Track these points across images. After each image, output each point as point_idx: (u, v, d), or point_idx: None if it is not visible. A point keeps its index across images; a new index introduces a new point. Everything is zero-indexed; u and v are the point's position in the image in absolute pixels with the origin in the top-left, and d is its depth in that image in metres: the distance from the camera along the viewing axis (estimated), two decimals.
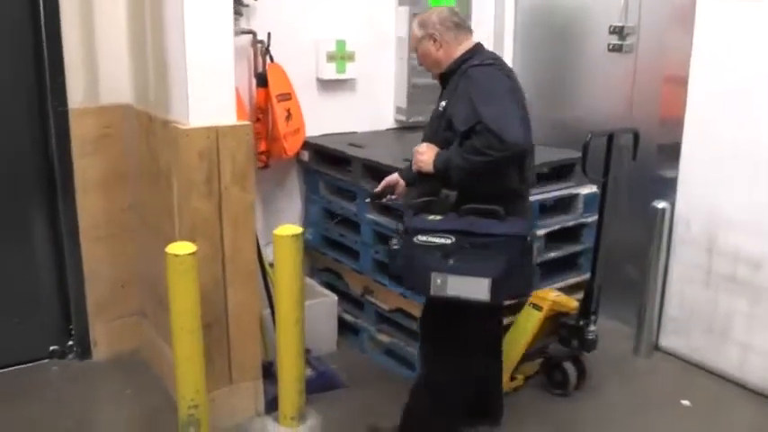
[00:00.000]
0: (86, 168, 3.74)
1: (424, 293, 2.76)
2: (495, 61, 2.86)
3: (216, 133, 3.08)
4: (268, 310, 3.59)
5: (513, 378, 3.56)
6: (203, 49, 3.05)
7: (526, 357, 3.57)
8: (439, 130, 2.85)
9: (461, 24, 2.96)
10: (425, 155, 2.82)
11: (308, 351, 3.54)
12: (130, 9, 3.66)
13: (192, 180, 3.06)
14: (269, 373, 3.49)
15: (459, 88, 2.77)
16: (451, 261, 2.64)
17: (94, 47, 3.67)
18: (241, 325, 3.34)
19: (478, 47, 2.95)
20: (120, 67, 3.74)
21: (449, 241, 2.65)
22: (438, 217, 2.74)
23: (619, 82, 4.32)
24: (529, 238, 2.68)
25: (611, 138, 3.48)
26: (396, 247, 2.82)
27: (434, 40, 2.93)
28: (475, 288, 2.63)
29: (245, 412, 3.42)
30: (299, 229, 3.09)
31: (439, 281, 2.66)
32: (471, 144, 2.61)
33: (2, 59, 3.59)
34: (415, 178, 2.96)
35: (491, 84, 2.72)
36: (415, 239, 2.70)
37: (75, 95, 3.65)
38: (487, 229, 2.65)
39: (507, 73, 2.84)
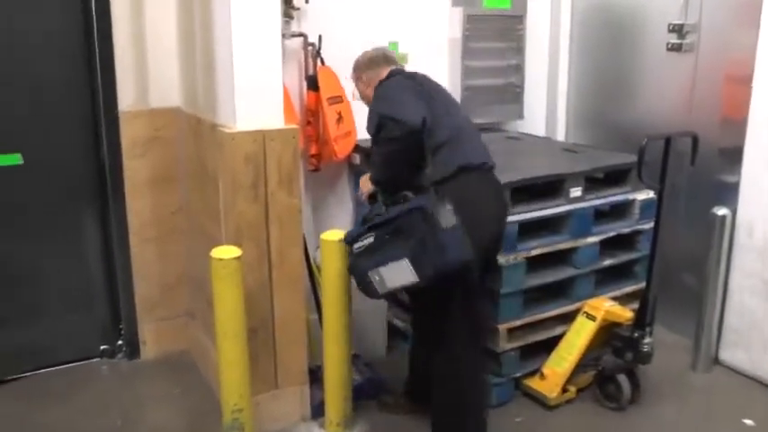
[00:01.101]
0: (136, 170, 3.78)
1: (377, 295, 2.86)
2: (396, 75, 3.18)
3: (263, 137, 3.06)
4: (316, 315, 3.57)
5: (565, 389, 3.47)
6: (250, 53, 3.03)
7: (578, 368, 3.47)
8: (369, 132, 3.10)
9: (383, 60, 3.30)
10: (363, 181, 3.20)
11: (356, 357, 3.52)
12: (180, 14, 3.68)
13: (239, 184, 3.05)
14: (316, 378, 3.46)
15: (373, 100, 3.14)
16: (378, 254, 2.78)
17: (145, 51, 3.71)
18: (287, 329, 3.32)
19: (392, 72, 3.22)
20: (170, 70, 3.77)
21: (372, 239, 2.81)
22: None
23: (678, 82, 4.18)
24: (428, 206, 2.72)
25: (668, 142, 3.36)
26: (351, 262, 2.97)
27: (362, 81, 3.31)
28: (402, 272, 2.72)
29: (290, 417, 3.39)
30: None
31: (377, 277, 2.79)
32: (378, 137, 2.93)
33: (55, 65, 3.64)
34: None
35: (386, 90, 3.06)
36: (354, 249, 2.88)
37: (126, 99, 3.70)
38: (394, 213, 2.79)
39: (408, 79, 3.12)
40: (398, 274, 2.74)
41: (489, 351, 3.37)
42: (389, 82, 3.11)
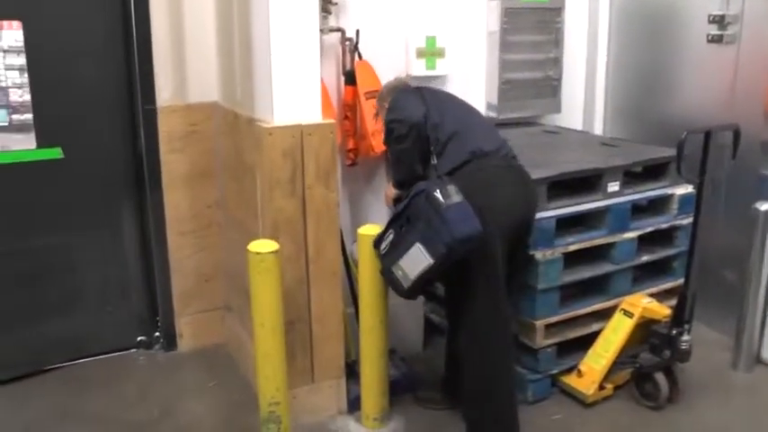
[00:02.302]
0: (174, 164, 3.81)
1: (407, 293, 2.95)
2: (401, 88, 3.37)
3: (300, 132, 3.07)
4: (353, 309, 3.58)
5: (602, 387, 3.44)
6: (288, 48, 3.03)
7: (615, 366, 3.44)
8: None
9: (403, 87, 3.40)
10: (387, 189, 3.48)
11: (392, 351, 3.52)
12: (218, 8, 3.70)
13: (276, 178, 3.06)
14: (353, 372, 3.48)
15: None
16: (398, 248, 2.88)
17: (183, 46, 3.73)
18: (324, 323, 3.33)
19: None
20: (208, 65, 3.80)
21: (392, 236, 2.94)
22: None
23: (719, 75, 4.10)
24: (429, 188, 2.82)
25: (708, 135, 3.30)
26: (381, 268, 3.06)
27: (385, 109, 3.34)
28: (418, 258, 2.80)
29: (326, 411, 3.41)
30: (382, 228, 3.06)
31: (400, 272, 2.88)
32: (390, 141, 3.16)
33: (93, 60, 3.68)
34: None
35: (391, 102, 3.25)
36: (381, 252, 2.99)
37: (164, 93, 3.73)
38: (402, 204, 2.93)
39: (413, 90, 3.32)
40: (415, 260, 2.81)
41: (518, 342, 3.36)
42: (395, 96, 3.29)
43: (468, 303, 2.98)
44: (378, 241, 3.00)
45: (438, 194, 2.77)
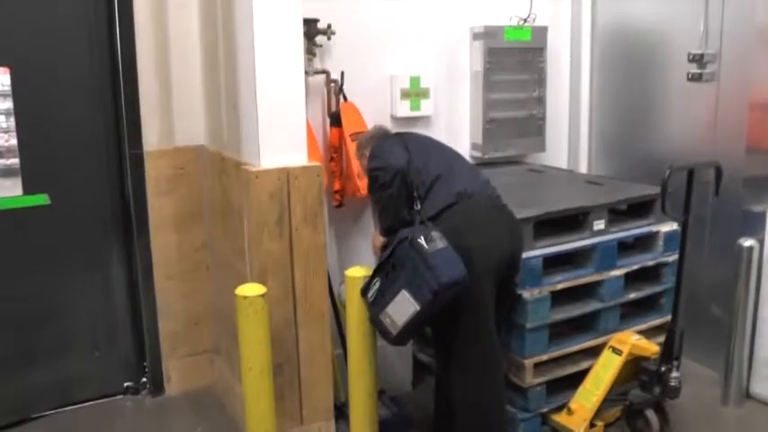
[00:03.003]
0: (161, 208, 3.82)
1: (394, 340, 2.94)
2: (381, 135, 3.40)
3: (287, 174, 3.09)
4: (341, 350, 3.56)
5: (592, 424, 3.42)
6: (274, 91, 3.08)
7: (606, 403, 3.43)
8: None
9: (383, 135, 3.43)
10: (373, 238, 3.47)
11: (381, 392, 3.51)
12: (205, 54, 3.74)
13: (263, 221, 3.07)
14: (342, 413, 3.46)
15: None
16: (383, 297, 2.89)
17: (170, 90, 3.77)
18: (313, 365, 3.32)
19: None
20: (195, 109, 3.83)
21: (378, 284, 2.93)
22: None
23: (700, 112, 4.16)
24: (413, 235, 2.83)
25: (691, 173, 3.33)
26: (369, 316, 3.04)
27: (365, 157, 3.34)
28: (405, 304, 2.80)
29: None
30: (370, 270, 3.06)
31: (388, 319, 2.87)
32: (374, 189, 3.13)
33: (80, 106, 3.71)
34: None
35: (372, 150, 3.24)
36: (369, 300, 2.98)
37: (151, 138, 3.76)
38: (387, 254, 2.93)
39: (392, 136, 3.37)
40: (402, 307, 2.80)
41: (507, 381, 3.35)
42: (375, 143, 3.29)
43: (459, 344, 2.97)
44: (365, 289, 3.00)
45: (422, 240, 2.78)
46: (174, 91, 3.77)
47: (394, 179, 3.02)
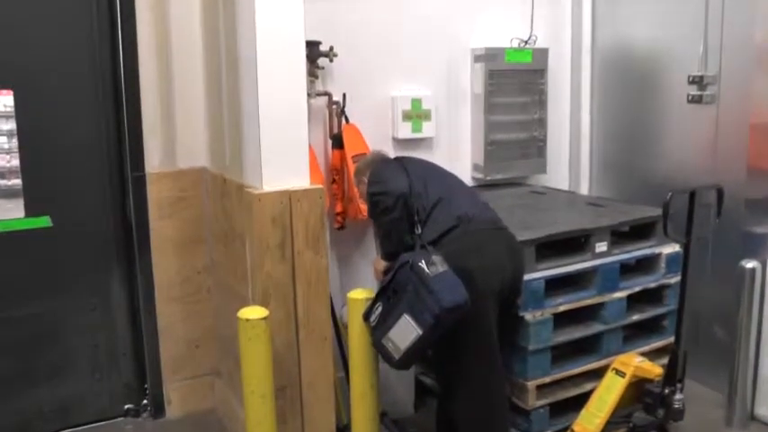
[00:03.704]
0: (163, 230, 3.82)
1: (397, 364, 2.94)
2: (378, 161, 3.41)
3: (289, 198, 3.10)
4: (343, 373, 3.55)
5: None
6: (277, 114, 3.09)
7: (609, 425, 3.41)
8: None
9: (380, 160, 3.45)
10: (375, 263, 3.45)
11: (384, 414, 3.49)
12: (208, 76, 3.75)
13: (266, 244, 3.07)
14: None
15: None
16: (385, 322, 2.89)
17: (173, 113, 3.79)
18: (315, 388, 3.31)
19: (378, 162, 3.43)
20: (197, 132, 3.85)
21: (380, 308, 2.94)
22: None
23: (701, 134, 4.17)
24: (413, 259, 2.84)
25: (692, 195, 3.34)
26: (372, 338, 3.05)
27: (364, 183, 3.37)
28: (407, 329, 2.80)
29: None
30: (372, 293, 3.07)
31: (390, 344, 2.87)
32: (376, 214, 3.15)
33: (82, 128, 3.73)
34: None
35: (372, 176, 3.26)
36: (371, 324, 2.99)
37: (153, 160, 3.77)
38: (387, 279, 2.94)
39: (391, 161, 3.41)
40: (405, 332, 2.81)
41: (510, 403, 3.33)
42: (374, 168, 3.31)
43: (461, 365, 2.97)
44: (367, 313, 3.00)
45: (423, 264, 2.79)
46: (176, 113, 3.79)
47: (396, 204, 3.03)
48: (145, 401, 4.02)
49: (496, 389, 3.04)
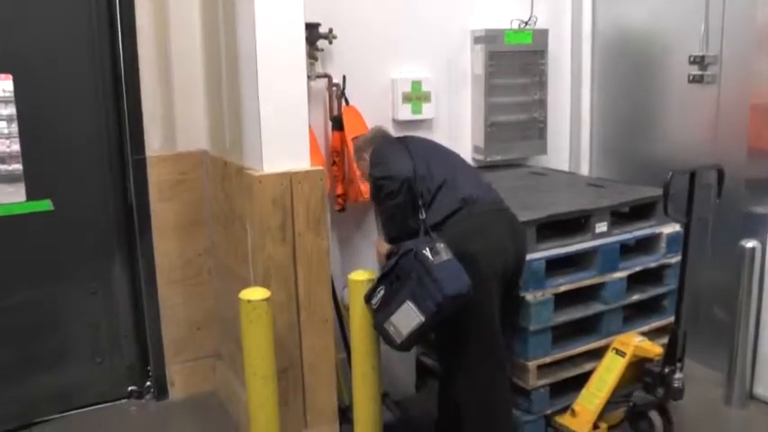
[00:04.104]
0: (163, 213, 3.83)
1: (400, 346, 2.94)
2: (381, 139, 3.34)
3: (289, 179, 3.10)
4: (344, 355, 3.57)
5: (596, 426, 3.42)
6: (277, 96, 3.08)
7: (609, 405, 3.43)
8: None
9: (380, 138, 3.39)
10: (378, 245, 3.36)
11: (385, 395, 3.51)
12: (207, 59, 3.74)
13: (266, 226, 3.08)
14: (346, 417, 3.46)
15: None
16: (387, 307, 2.90)
17: (172, 96, 3.78)
18: (317, 369, 3.32)
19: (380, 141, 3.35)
20: (197, 115, 3.84)
21: (382, 292, 2.94)
22: None
23: (701, 114, 4.16)
24: (418, 246, 2.83)
25: (693, 175, 3.33)
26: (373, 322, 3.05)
27: (364, 160, 3.34)
28: (409, 315, 2.82)
29: None
30: (373, 274, 3.09)
31: (392, 328, 2.89)
32: (380, 198, 3.09)
33: (83, 112, 3.72)
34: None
35: (375, 156, 3.21)
36: (373, 306, 2.99)
37: (153, 143, 3.77)
38: (391, 261, 2.94)
39: (395, 141, 3.32)
40: (407, 318, 2.83)
41: (511, 383, 3.35)
42: (377, 147, 3.25)
43: (464, 347, 2.98)
44: (369, 296, 3.01)
45: (427, 252, 2.79)
46: (176, 96, 3.78)
47: (401, 189, 2.98)
48: (148, 383, 4.05)
49: (498, 372, 3.05)
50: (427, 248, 2.80)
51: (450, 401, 3.25)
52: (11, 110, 3.50)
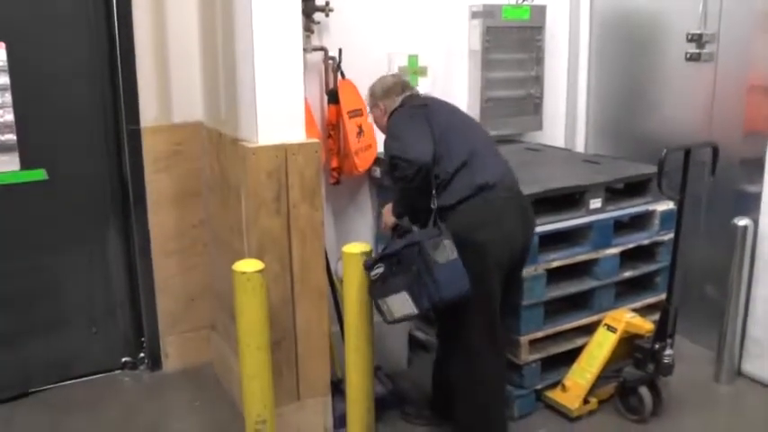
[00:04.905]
0: (158, 184, 3.82)
1: (388, 322, 2.95)
2: (406, 105, 3.19)
3: (284, 151, 3.09)
4: (338, 327, 3.58)
5: (586, 401, 3.46)
6: (272, 68, 3.06)
7: (600, 380, 3.46)
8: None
9: (400, 90, 3.29)
10: (385, 213, 3.33)
11: (378, 368, 3.54)
12: (202, 30, 3.72)
13: (261, 198, 3.08)
14: (338, 389, 3.48)
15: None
16: (386, 285, 2.88)
17: (167, 66, 3.75)
18: (310, 341, 3.34)
19: (403, 101, 3.24)
20: (192, 86, 3.81)
21: (381, 269, 2.90)
22: None
23: (698, 92, 4.16)
24: (424, 241, 2.78)
25: (687, 153, 3.34)
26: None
27: (379, 108, 3.31)
28: (404, 304, 2.82)
29: (313, 429, 3.41)
30: (368, 247, 3.09)
31: (385, 306, 2.90)
32: (393, 176, 2.99)
33: (78, 81, 3.70)
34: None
35: (396, 126, 3.08)
36: (371, 277, 2.95)
37: (149, 114, 3.74)
38: (396, 246, 2.89)
39: (419, 108, 3.13)
40: (401, 305, 2.84)
41: (509, 363, 3.38)
42: (400, 116, 3.13)
43: (463, 333, 2.99)
44: (368, 266, 2.97)
45: (431, 251, 2.76)
46: (171, 66, 3.75)
47: (416, 175, 2.88)
48: (142, 354, 4.06)
49: (495, 358, 3.06)
50: (432, 245, 2.77)
51: (444, 380, 3.28)
52: (4, 79, 3.47)
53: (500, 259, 2.96)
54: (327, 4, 3.85)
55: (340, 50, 3.94)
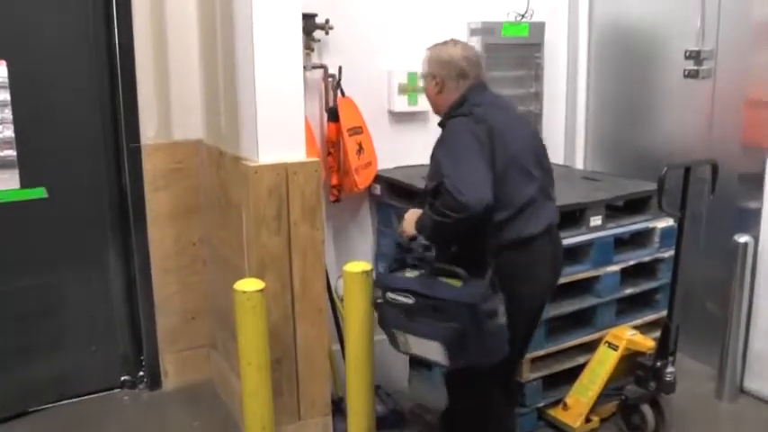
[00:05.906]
0: (158, 202, 3.81)
1: (395, 349, 2.81)
2: (474, 109, 2.73)
3: (285, 170, 3.10)
4: (338, 346, 3.57)
5: (588, 420, 3.44)
6: (273, 86, 3.07)
7: (601, 398, 3.45)
8: (428, 182, 2.78)
9: (468, 71, 2.82)
10: (407, 220, 2.83)
11: (378, 387, 3.51)
12: (203, 48, 3.73)
13: (262, 216, 3.08)
14: (339, 409, 3.46)
15: (438, 140, 2.76)
16: (412, 321, 2.64)
17: (168, 84, 3.76)
18: (311, 360, 3.33)
19: (472, 90, 2.82)
20: (193, 104, 3.82)
21: (411, 301, 2.62)
22: (415, 273, 2.71)
23: (696, 109, 4.17)
24: (480, 305, 2.51)
25: (688, 170, 3.35)
26: (379, 300, 2.79)
27: (434, 79, 2.88)
28: (431, 350, 2.62)
29: None
30: (368, 266, 3.08)
31: (403, 339, 2.71)
32: (435, 205, 2.59)
33: (78, 100, 3.70)
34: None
35: (454, 141, 2.66)
36: (387, 296, 2.71)
37: (148, 132, 3.75)
38: (441, 294, 2.58)
39: (481, 123, 2.67)
40: (426, 348, 2.66)
41: (517, 384, 3.35)
42: (461, 128, 2.69)
43: (478, 383, 2.90)
44: (385, 285, 2.76)
45: (486, 319, 2.53)
46: (172, 84, 3.76)
47: (467, 222, 2.52)
48: (141, 373, 4.04)
49: (508, 410, 3.08)
50: (487, 312, 2.53)
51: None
52: (4, 96, 3.47)
53: (533, 308, 2.92)
54: (327, 21, 3.86)
55: (340, 68, 3.95)
